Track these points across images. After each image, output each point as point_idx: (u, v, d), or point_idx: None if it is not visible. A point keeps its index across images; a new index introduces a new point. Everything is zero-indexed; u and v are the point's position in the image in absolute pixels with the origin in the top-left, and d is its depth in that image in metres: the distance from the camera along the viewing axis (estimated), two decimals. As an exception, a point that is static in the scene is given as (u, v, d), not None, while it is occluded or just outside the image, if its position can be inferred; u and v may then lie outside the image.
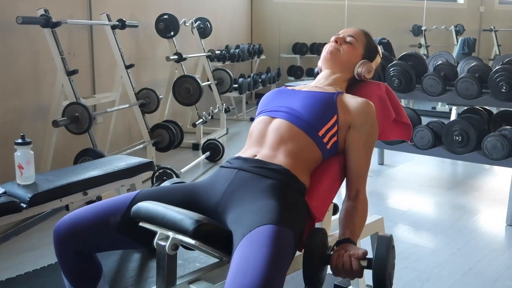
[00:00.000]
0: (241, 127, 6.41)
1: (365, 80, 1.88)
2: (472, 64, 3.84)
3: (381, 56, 1.95)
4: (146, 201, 1.48)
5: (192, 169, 4.37)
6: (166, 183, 1.76)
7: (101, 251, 1.64)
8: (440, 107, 7.07)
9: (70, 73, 3.50)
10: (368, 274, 1.39)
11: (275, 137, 1.63)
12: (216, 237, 1.39)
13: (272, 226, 1.32)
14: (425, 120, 4.24)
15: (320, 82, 1.84)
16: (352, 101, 1.70)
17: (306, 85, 1.85)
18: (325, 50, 1.87)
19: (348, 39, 1.85)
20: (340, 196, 1.71)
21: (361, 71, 1.84)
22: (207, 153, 4.75)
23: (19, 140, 2.30)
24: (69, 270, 1.57)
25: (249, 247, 1.27)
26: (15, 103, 3.69)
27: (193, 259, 1.74)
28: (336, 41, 1.85)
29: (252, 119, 6.64)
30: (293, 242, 1.36)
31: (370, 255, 1.39)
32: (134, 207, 1.46)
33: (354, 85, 1.88)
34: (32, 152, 2.34)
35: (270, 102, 1.79)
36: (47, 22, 3.40)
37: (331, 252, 1.41)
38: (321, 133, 1.63)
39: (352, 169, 1.66)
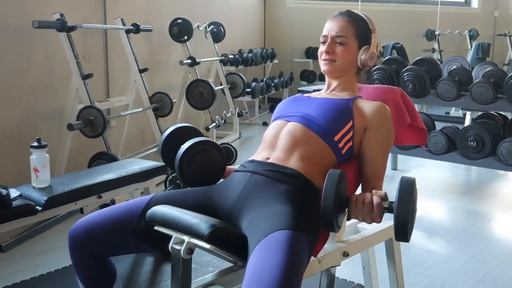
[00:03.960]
0: (254, 131, 6.42)
1: (368, 67, 1.80)
2: (488, 69, 3.82)
3: (375, 30, 1.80)
4: (161, 205, 1.48)
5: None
6: None
7: (116, 254, 1.64)
8: (454, 112, 7.02)
9: (85, 77, 3.53)
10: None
11: (289, 140, 1.63)
12: (231, 241, 1.39)
13: (287, 231, 1.31)
14: (438, 125, 4.22)
15: (332, 87, 1.81)
16: (367, 105, 1.70)
17: (321, 92, 1.84)
18: (321, 63, 1.78)
19: (337, 40, 1.75)
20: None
21: (364, 58, 1.76)
22: (220, 157, 4.74)
23: (35, 144, 2.32)
24: (84, 273, 1.58)
25: (265, 252, 1.26)
26: (30, 106, 3.72)
27: (206, 263, 1.74)
28: (327, 52, 1.75)
29: (264, 123, 6.65)
30: (308, 246, 1.35)
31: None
32: (149, 211, 1.46)
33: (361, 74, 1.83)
34: (47, 155, 2.35)
35: (286, 108, 1.79)
36: (62, 26, 3.43)
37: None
38: (336, 138, 1.63)
39: (368, 170, 1.66)
